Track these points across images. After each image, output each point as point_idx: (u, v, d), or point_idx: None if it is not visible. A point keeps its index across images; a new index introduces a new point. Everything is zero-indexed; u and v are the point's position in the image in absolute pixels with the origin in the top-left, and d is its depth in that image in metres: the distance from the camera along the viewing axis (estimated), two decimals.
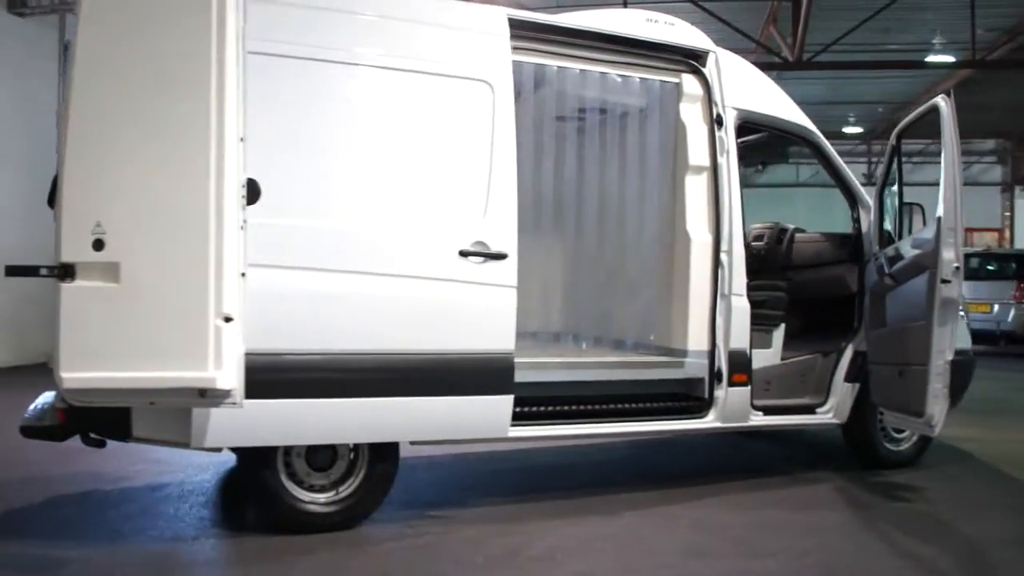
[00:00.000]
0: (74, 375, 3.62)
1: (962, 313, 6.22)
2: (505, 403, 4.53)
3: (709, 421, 5.24)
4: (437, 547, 4.25)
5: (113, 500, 4.94)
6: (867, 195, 6.01)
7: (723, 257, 5.22)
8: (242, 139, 3.84)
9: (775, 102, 5.67)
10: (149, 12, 3.80)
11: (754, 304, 5.66)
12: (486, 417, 4.53)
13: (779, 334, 5.83)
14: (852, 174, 5.92)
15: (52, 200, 3.86)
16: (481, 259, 4.45)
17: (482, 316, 4.48)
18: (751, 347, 5.33)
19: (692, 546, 4.27)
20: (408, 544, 4.28)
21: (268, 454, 4.31)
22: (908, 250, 5.27)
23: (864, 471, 5.80)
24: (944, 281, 4.92)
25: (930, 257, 5.00)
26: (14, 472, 5.41)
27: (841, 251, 6.20)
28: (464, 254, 4.40)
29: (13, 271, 3.85)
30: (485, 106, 4.54)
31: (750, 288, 5.78)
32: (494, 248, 4.48)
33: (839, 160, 5.87)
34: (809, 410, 5.70)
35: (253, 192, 3.87)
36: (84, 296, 3.67)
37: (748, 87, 5.52)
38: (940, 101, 5.02)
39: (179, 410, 4.00)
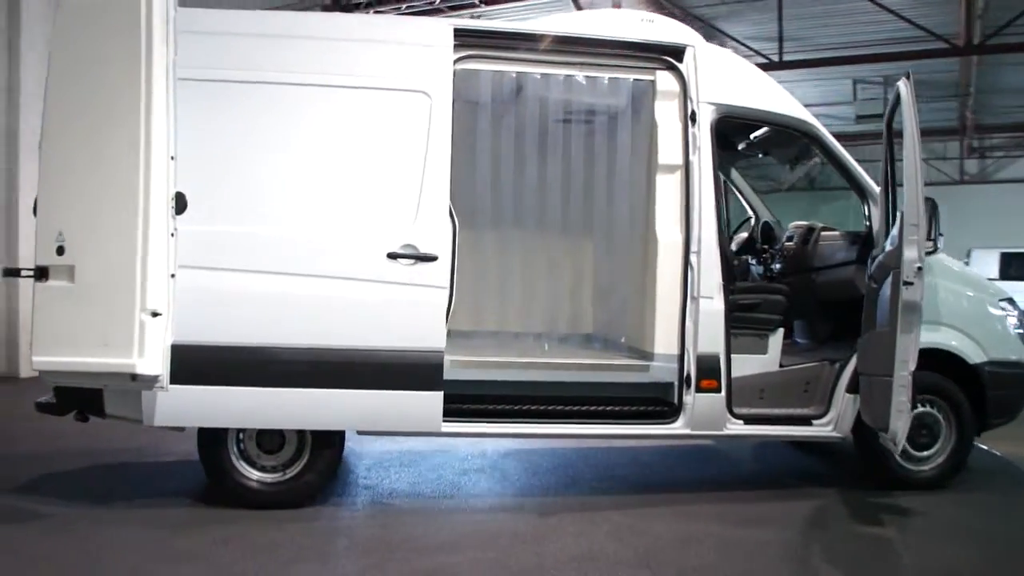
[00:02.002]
0: (43, 359, 4.39)
1: (1015, 319, 5.56)
2: (435, 399, 4.72)
3: (678, 427, 5.08)
4: (349, 529, 4.55)
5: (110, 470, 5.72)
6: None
7: (692, 258, 5.03)
8: (173, 157, 4.43)
9: (764, 95, 5.34)
10: (94, 51, 4.47)
11: (747, 308, 5.45)
12: (417, 411, 4.74)
13: (776, 339, 5.47)
14: (859, 167, 5.43)
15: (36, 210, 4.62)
16: (411, 261, 4.68)
17: (411, 315, 4.71)
18: (728, 352, 5.10)
19: (591, 551, 4.22)
20: (325, 525, 4.59)
21: (221, 435, 4.83)
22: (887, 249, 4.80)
23: (879, 491, 5.31)
24: (907, 283, 4.46)
25: (894, 257, 4.52)
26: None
27: (852, 251, 5.69)
28: (393, 256, 4.67)
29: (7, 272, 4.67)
30: (422, 115, 4.76)
31: (742, 291, 5.56)
32: (424, 250, 4.70)
33: (843, 153, 5.41)
34: (805, 421, 5.32)
35: (181, 204, 4.43)
36: (52, 293, 4.42)
37: (731, 81, 5.25)
38: (900, 83, 4.53)
39: (135, 392, 4.62)
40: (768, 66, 15.95)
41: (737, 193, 7.08)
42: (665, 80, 5.15)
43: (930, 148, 24.86)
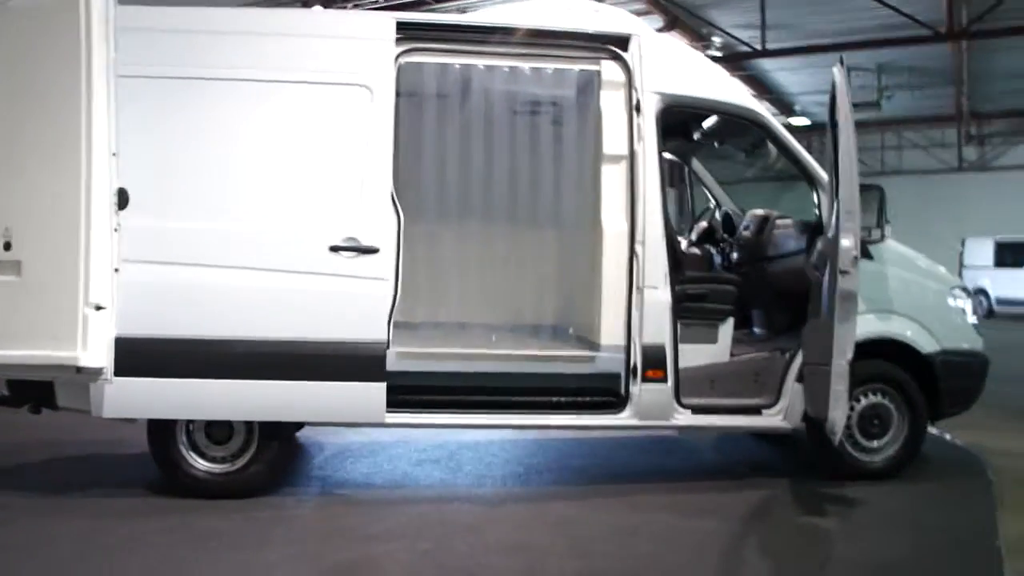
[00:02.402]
0: None
1: (967, 309, 5.56)
2: (378, 390, 4.76)
3: (625, 418, 5.09)
4: (291, 518, 4.59)
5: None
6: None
7: (638, 248, 5.04)
8: (115, 154, 4.49)
9: (711, 84, 5.33)
10: (36, 51, 4.51)
11: (694, 298, 5.45)
12: (359, 402, 4.79)
13: (726, 329, 5.48)
14: (807, 155, 5.42)
15: None
16: (353, 254, 4.72)
17: (353, 307, 4.75)
18: (675, 342, 5.12)
19: (527, 541, 4.25)
20: (269, 515, 4.62)
21: (170, 426, 4.88)
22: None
23: (830, 481, 5.29)
24: (843, 272, 4.46)
25: (831, 246, 4.53)
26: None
27: (802, 240, 5.69)
28: (335, 249, 4.71)
29: None
30: (363, 109, 4.79)
31: (690, 281, 5.57)
32: (365, 243, 4.74)
33: (791, 140, 5.39)
34: (755, 411, 5.32)
35: (123, 199, 4.49)
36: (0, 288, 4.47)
37: (677, 70, 5.24)
38: (834, 69, 4.53)
39: (85, 384, 4.67)
40: (751, 54, 15.93)
41: (700, 182, 7.08)
42: (610, 70, 5.15)
43: (928, 135, 24.78)
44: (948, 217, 23.39)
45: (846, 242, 4.48)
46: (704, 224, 6.91)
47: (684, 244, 6.86)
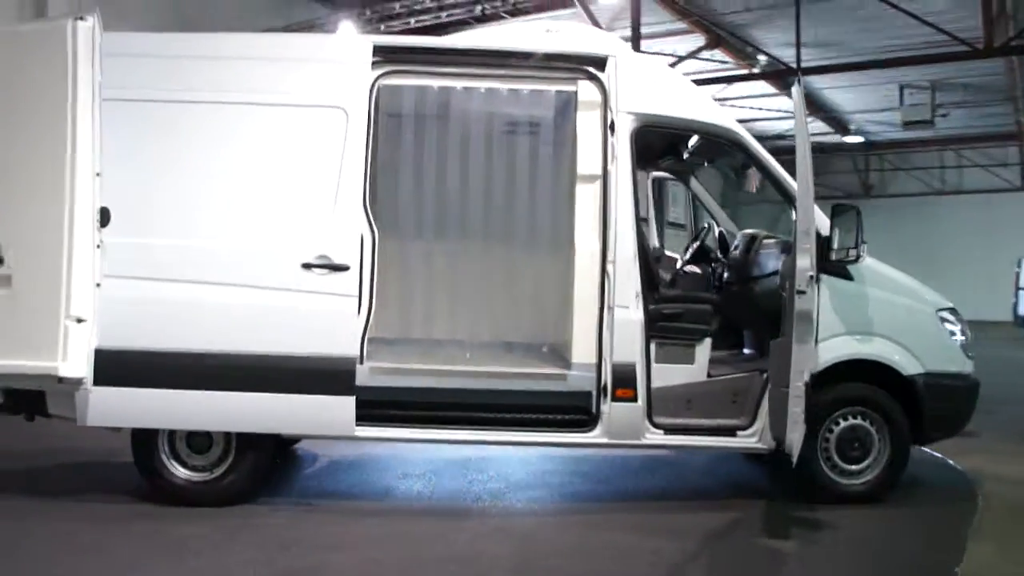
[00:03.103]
0: None
1: (957, 331, 5.43)
2: (347, 403, 4.90)
3: (596, 436, 5.11)
4: (258, 527, 4.72)
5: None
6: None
7: (609, 267, 5.08)
8: (98, 174, 4.75)
9: (688, 104, 5.34)
10: (26, 76, 4.81)
11: (670, 318, 5.45)
12: (330, 415, 4.93)
13: (703, 349, 5.44)
14: (785, 174, 5.37)
15: None
16: (324, 271, 4.88)
17: (324, 323, 4.91)
18: (647, 362, 5.13)
19: (473, 554, 4.32)
20: (238, 522, 4.77)
21: (152, 435, 5.08)
22: None
23: (808, 504, 5.20)
24: (799, 292, 4.42)
25: (790, 266, 4.49)
26: None
27: (782, 259, 5.61)
28: (307, 266, 4.88)
29: None
30: (338, 130, 4.97)
31: (666, 300, 5.57)
32: (337, 261, 4.90)
33: (769, 159, 5.35)
34: (730, 432, 5.27)
35: (106, 217, 4.75)
36: None
37: (652, 90, 5.27)
38: (792, 89, 4.50)
39: (70, 393, 4.91)
40: (786, 71, 15.74)
41: (699, 202, 7.07)
42: (587, 90, 5.21)
43: (989, 154, 24.00)
44: (1012, 237, 22.64)
45: (802, 262, 4.44)
46: (698, 244, 6.89)
47: (679, 263, 6.88)
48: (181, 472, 5.10)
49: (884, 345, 5.31)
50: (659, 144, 6.30)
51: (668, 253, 7.32)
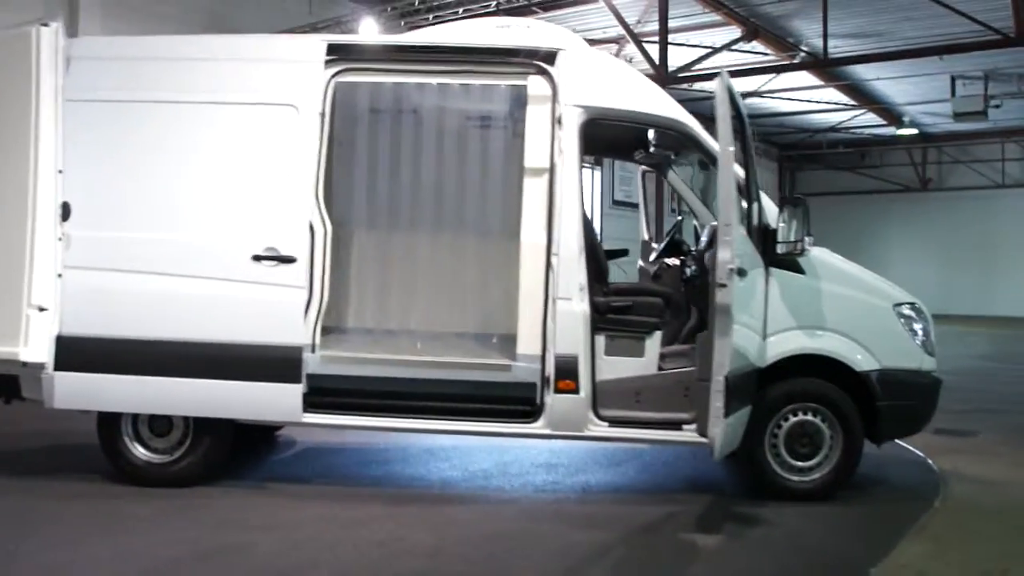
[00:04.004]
0: None
1: (918, 327, 5.31)
2: (295, 391, 5.07)
3: (539, 427, 5.16)
4: (201, 507, 4.92)
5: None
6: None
7: (553, 260, 5.12)
8: (60, 171, 5.01)
9: (637, 96, 5.33)
10: None
11: (620, 310, 5.46)
12: (277, 402, 5.11)
13: (653, 342, 5.42)
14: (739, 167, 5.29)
15: None
16: (273, 263, 5.06)
17: (272, 312, 5.09)
18: (591, 354, 5.15)
19: (394, 538, 4.42)
20: (184, 503, 4.97)
21: (115, 417, 5.33)
22: None
23: (759, 500, 5.15)
24: (720, 285, 4.38)
25: (712, 259, 4.46)
26: None
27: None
28: (257, 258, 5.06)
29: None
30: (290, 127, 5.14)
31: (616, 293, 5.58)
32: (285, 252, 5.07)
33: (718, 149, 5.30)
34: (675, 426, 5.24)
35: (66, 212, 5.02)
36: None
37: (601, 84, 5.29)
38: (717, 79, 4.45)
39: (39, 377, 5.20)
40: (814, 63, 15.41)
41: (679, 195, 7.01)
42: (537, 84, 5.25)
43: None
44: None
45: (723, 255, 4.40)
46: (669, 237, 6.84)
47: (653, 256, 6.85)
48: (142, 454, 5.34)
49: (836, 340, 5.22)
50: (629, 137, 6.28)
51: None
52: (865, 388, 5.23)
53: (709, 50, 15.83)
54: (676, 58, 16.05)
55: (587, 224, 5.37)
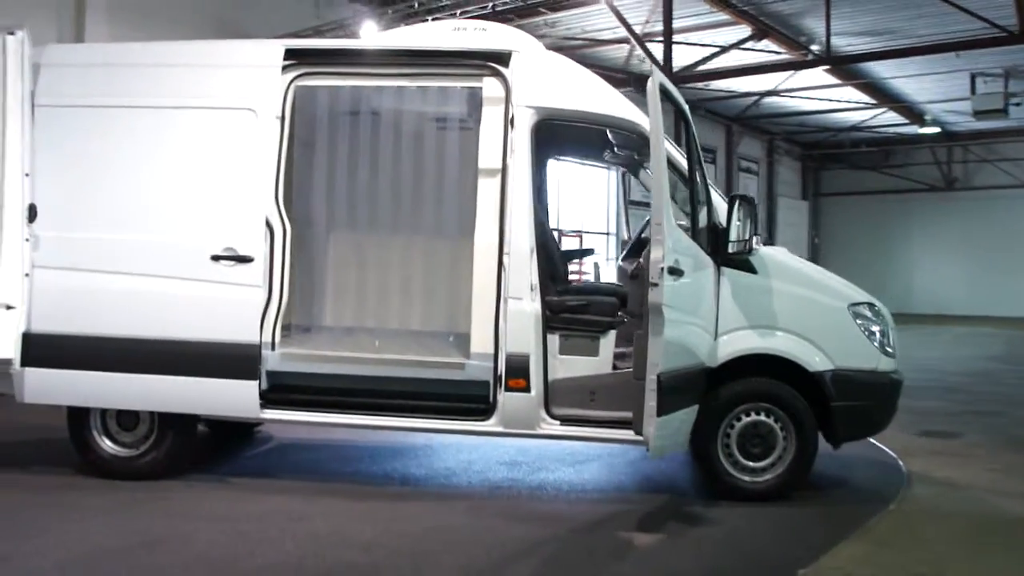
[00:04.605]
0: None
1: (875, 327, 5.28)
2: (251, 387, 5.19)
3: (491, 425, 5.22)
4: (156, 499, 5.05)
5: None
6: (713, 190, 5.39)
7: (505, 259, 5.18)
8: (27, 174, 5.17)
9: (590, 97, 5.35)
10: None
11: (573, 310, 5.49)
12: (235, 398, 5.23)
13: (607, 341, 5.43)
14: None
15: None
16: (231, 262, 5.18)
17: (230, 311, 5.21)
18: (543, 353, 5.20)
19: (332, 531, 4.52)
20: (141, 496, 5.11)
21: (84, 412, 5.49)
22: None
23: (718, 500, 5.16)
24: (652, 284, 4.40)
25: (647, 258, 4.48)
26: None
27: None
28: (216, 258, 5.18)
29: None
30: (247, 130, 5.26)
31: (571, 292, 5.61)
32: (242, 252, 5.19)
33: (673, 151, 5.28)
34: (627, 425, 5.24)
35: (33, 214, 5.20)
36: None
37: (554, 84, 5.33)
38: (650, 79, 4.46)
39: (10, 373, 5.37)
40: (815, 61, 15.25)
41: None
42: (491, 86, 5.32)
43: None
44: None
45: (655, 254, 4.42)
46: (638, 235, 6.84)
47: (623, 254, 6.87)
48: (109, 447, 5.50)
49: (788, 340, 5.21)
50: (597, 138, 6.31)
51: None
52: (820, 389, 5.22)
53: (717, 49, 15.74)
54: (686, 58, 16.04)
55: (541, 224, 5.42)
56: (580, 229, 18.31)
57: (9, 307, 5.17)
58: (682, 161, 5.29)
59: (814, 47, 16.34)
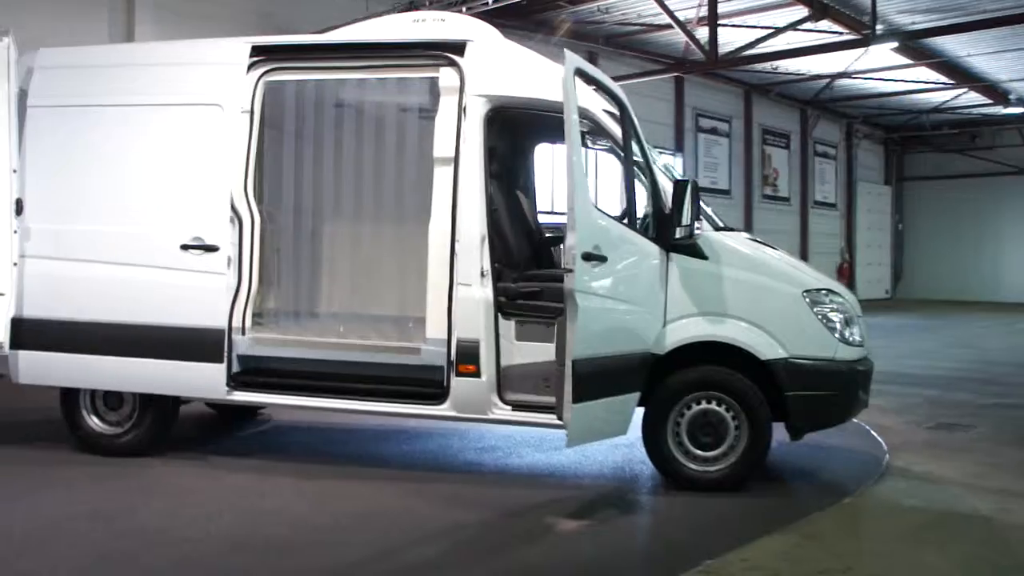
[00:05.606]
0: None
1: (835, 315, 5.13)
2: (219, 370, 5.44)
3: (444, 409, 5.31)
4: (132, 474, 5.38)
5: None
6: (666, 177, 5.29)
7: (456, 246, 5.26)
8: (15, 171, 5.53)
9: (545, 85, 5.33)
10: None
11: (528, 296, 5.52)
12: (203, 380, 5.49)
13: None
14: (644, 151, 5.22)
15: None
16: (199, 251, 5.43)
17: (198, 297, 5.47)
18: (494, 339, 5.25)
19: (274, 509, 4.73)
20: (120, 471, 5.43)
21: (74, 392, 5.86)
22: None
23: (676, 490, 5.11)
24: (567, 270, 4.40)
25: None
26: None
27: None
28: (185, 247, 5.45)
29: None
30: (215, 125, 5.50)
31: (526, 279, 5.64)
32: (208, 242, 5.44)
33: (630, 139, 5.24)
34: None
35: (20, 207, 5.56)
36: None
37: (507, 73, 5.35)
38: (565, 62, 4.42)
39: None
40: (858, 42, 14.63)
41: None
42: (447, 76, 5.39)
43: None
44: None
45: (568, 240, 4.42)
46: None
47: None
48: (96, 425, 5.85)
49: (738, 327, 5.11)
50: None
51: None
52: (774, 378, 5.11)
53: (772, 31, 15.31)
54: (742, 39, 15.67)
55: (494, 211, 5.47)
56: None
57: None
58: (635, 148, 5.25)
59: (878, 26, 15.71)
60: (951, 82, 19.85)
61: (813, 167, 24.94)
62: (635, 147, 5.18)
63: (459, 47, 5.38)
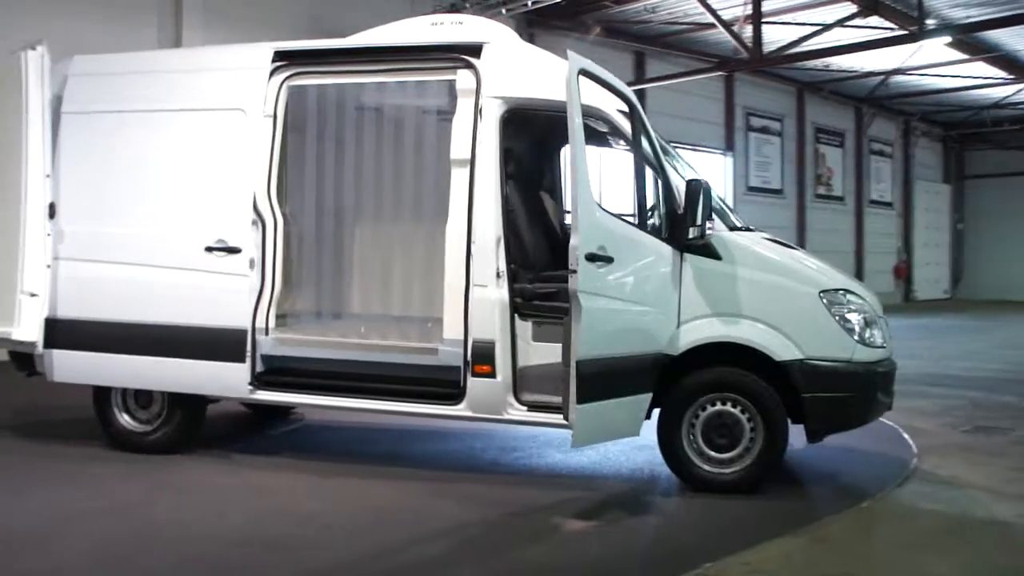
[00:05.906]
0: None
1: (853, 315, 5.04)
2: (242, 369, 5.56)
3: (461, 409, 5.35)
4: (151, 470, 5.51)
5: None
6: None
7: (473, 248, 5.29)
8: (48, 175, 5.74)
9: (562, 86, 5.34)
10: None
11: (544, 296, 5.53)
12: (227, 380, 5.62)
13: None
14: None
15: None
16: (222, 253, 5.57)
17: (221, 298, 5.60)
18: (511, 339, 5.27)
19: (282, 508, 4.81)
20: (141, 467, 5.57)
21: (106, 390, 6.05)
22: None
23: (692, 492, 5.06)
24: (571, 272, 4.39)
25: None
26: None
27: None
28: (209, 249, 5.59)
29: None
30: (238, 129, 5.63)
31: (543, 280, 5.65)
32: (231, 244, 5.57)
33: (642, 140, 5.19)
34: None
35: (53, 211, 5.76)
36: None
37: (523, 74, 5.36)
38: (568, 62, 4.40)
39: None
40: (907, 37, 14.27)
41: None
42: (464, 78, 5.43)
43: None
44: None
45: (573, 241, 4.41)
46: None
47: None
48: (128, 422, 6.03)
49: (752, 328, 5.04)
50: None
51: None
52: (788, 379, 5.02)
53: (820, 28, 15.04)
54: (790, 37, 15.43)
55: (511, 212, 5.49)
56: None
57: (33, 295, 5.76)
58: (646, 147, 5.22)
59: (930, 21, 15.32)
60: (1011, 77, 19.24)
61: (869, 166, 24.40)
62: (646, 146, 5.16)
63: (476, 49, 5.42)
